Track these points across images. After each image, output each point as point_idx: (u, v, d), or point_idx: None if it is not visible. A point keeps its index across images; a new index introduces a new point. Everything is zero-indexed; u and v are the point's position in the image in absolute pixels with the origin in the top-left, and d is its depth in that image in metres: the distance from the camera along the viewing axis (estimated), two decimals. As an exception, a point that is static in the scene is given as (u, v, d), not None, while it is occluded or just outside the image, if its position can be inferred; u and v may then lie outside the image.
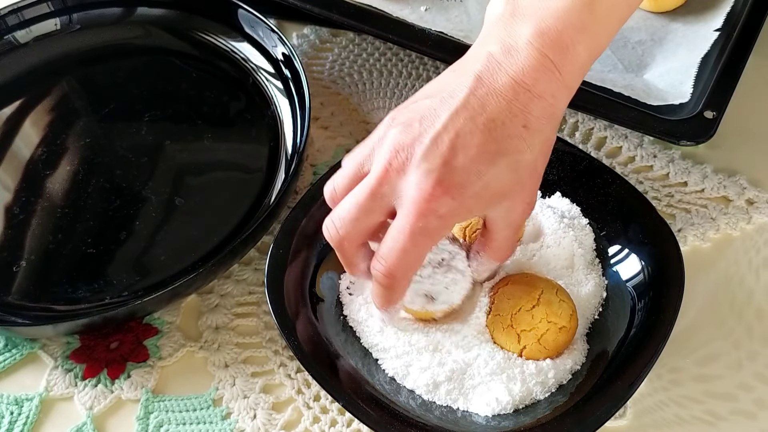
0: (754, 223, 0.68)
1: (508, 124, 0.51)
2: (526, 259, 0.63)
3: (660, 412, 0.59)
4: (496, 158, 0.51)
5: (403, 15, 0.77)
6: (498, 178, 0.51)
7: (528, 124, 0.51)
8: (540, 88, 0.51)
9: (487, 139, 0.51)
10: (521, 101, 0.51)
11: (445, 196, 0.50)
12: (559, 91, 0.52)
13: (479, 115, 0.51)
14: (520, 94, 0.51)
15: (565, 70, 0.51)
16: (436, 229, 0.51)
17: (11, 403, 0.62)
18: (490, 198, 0.52)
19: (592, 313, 0.62)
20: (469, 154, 0.51)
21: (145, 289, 0.65)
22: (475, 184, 0.51)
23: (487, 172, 0.51)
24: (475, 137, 0.51)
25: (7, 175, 0.74)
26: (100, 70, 0.82)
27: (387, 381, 0.59)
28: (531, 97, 0.51)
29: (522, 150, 0.51)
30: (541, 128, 0.52)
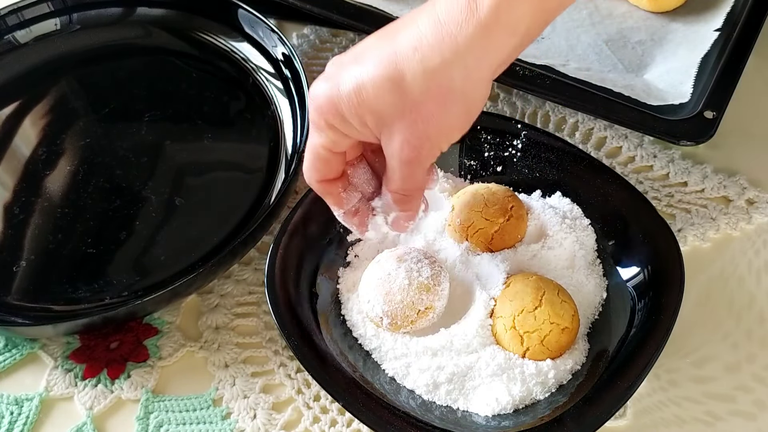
0: (754, 223, 0.68)
1: (403, 42, 0.50)
2: (527, 260, 0.63)
3: (659, 413, 0.59)
4: (378, 65, 0.50)
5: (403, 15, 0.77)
6: (372, 88, 0.50)
7: (419, 45, 0.49)
8: (448, 14, 0.49)
9: (380, 41, 0.52)
10: (423, 23, 0.50)
11: (321, 90, 0.52)
12: (468, 22, 0.49)
13: (386, 37, 0.52)
14: (425, 17, 0.50)
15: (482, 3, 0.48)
16: (318, 124, 0.53)
17: (11, 403, 0.62)
18: (362, 110, 0.51)
19: (592, 313, 0.62)
20: (360, 52, 0.52)
21: (145, 289, 0.65)
22: (348, 84, 0.51)
23: (361, 79, 0.51)
24: (373, 40, 0.52)
25: (7, 175, 0.74)
26: (100, 70, 0.82)
27: (387, 381, 0.59)
28: (434, 22, 0.49)
29: (402, 70, 0.50)
30: (431, 56, 0.49)
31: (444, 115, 0.51)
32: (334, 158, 0.56)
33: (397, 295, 0.58)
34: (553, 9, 0.52)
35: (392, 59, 0.50)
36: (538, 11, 0.50)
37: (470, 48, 0.49)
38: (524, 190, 0.67)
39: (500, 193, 0.64)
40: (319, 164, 0.56)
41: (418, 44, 0.50)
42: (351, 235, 0.65)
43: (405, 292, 0.58)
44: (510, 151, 0.68)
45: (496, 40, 0.50)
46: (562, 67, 0.73)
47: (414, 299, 0.58)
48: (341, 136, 0.54)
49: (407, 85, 0.50)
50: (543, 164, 0.68)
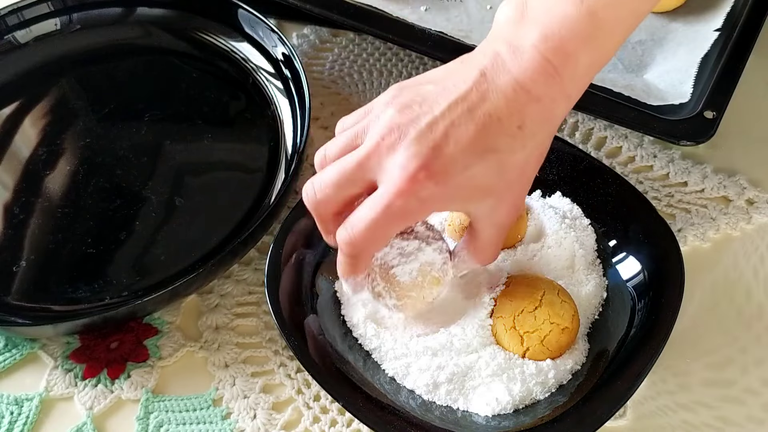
0: (754, 223, 0.68)
1: (504, 122, 0.51)
2: (527, 260, 0.63)
3: (659, 413, 0.59)
4: (486, 153, 0.51)
5: (403, 15, 0.77)
6: (484, 173, 0.52)
7: (523, 125, 0.51)
8: (539, 90, 0.51)
9: (480, 132, 0.51)
10: (520, 102, 0.51)
11: (428, 180, 0.51)
12: (558, 96, 0.52)
13: (477, 109, 0.51)
14: (519, 95, 0.51)
15: (566, 76, 0.51)
16: (412, 211, 0.52)
17: (11, 403, 0.62)
18: (473, 192, 0.53)
19: (592, 313, 0.62)
20: (460, 144, 0.51)
21: (145, 289, 0.65)
22: (461, 174, 0.51)
23: (474, 165, 0.51)
24: (470, 129, 0.51)
25: (7, 175, 0.74)
26: (100, 70, 0.82)
27: (387, 381, 0.59)
28: (529, 99, 0.51)
29: (513, 150, 0.52)
30: (535, 131, 0.52)
31: (536, 171, 0.55)
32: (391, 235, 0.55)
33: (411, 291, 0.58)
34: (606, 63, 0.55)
35: (494, 137, 0.51)
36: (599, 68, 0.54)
37: (560, 116, 0.54)
38: (524, 190, 0.67)
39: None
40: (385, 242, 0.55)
41: (520, 122, 0.51)
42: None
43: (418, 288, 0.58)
44: (510, 151, 0.68)
45: (573, 102, 0.54)
46: (562, 67, 0.73)
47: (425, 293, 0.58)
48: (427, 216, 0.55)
49: (515, 162, 0.52)
50: (543, 164, 0.67)
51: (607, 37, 0.53)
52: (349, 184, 0.53)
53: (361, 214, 0.52)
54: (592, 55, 0.52)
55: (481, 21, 0.78)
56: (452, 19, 0.78)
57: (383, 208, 0.51)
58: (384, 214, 0.52)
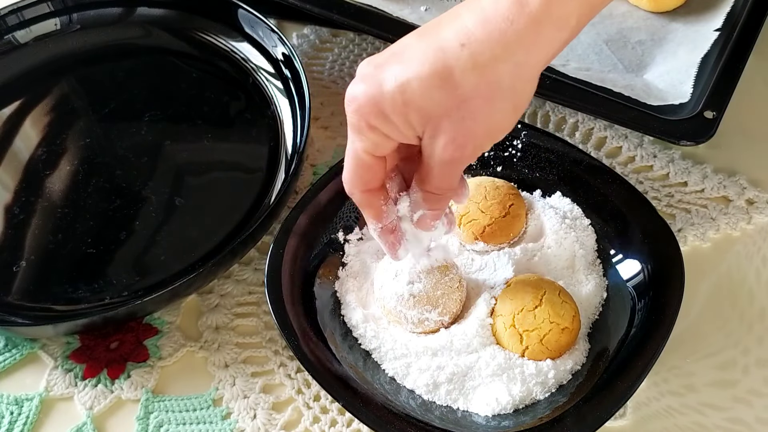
0: (754, 223, 0.68)
1: (448, 39, 0.48)
2: (527, 260, 0.63)
3: (658, 412, 0.59)
4: (422, 61, 0.48)
5: (403, 15, 0.77)
6: (418, 85, 0.48)
7: (467, 42, 0.48)
8: (496, 9, 0.48)
9: (421, 39, 0.49)
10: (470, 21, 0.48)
11: (361, 90, 0.50)
12: (519, 17, 0.47)
13: (428, 33, 0.50)
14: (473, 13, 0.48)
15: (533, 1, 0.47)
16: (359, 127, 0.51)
17: (11, 403, 0.62)
18: (406, 108, 0.49)
19: (592, 313, 0.62)
20: (399, 50, 0.50)
21: (145, 289, 0.65)
22: (390, 82, 0.49)
23: (406, 75, 0.48)
24: (414, 47, 0.49)
25: (7, 175, 0.74)
26: (100, 70, 0.82)
27: (387, 381, 0.59)
28: (482, 19, 0.48)
29: (451, 67, 0.48)
30: (481, 51, 0.48)
31: (492, 113, 0.49)
32: (376, 164, 0.53)
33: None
34: (599, 3, 0.51)
35: (439, 55, 0.48)
36: (586, 5, 0.49)
37: (520, 43, 0.48)
38: (524, 190, 0.67)
39: (503, 188, 0.64)
40: (362, 171, 0.53)
41: (466, 40, 0.48)
42: (350, 234, 0.65)
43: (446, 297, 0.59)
44: (510, 151, 0.68)
45: (546, 35, 0.48)
46: (562, 67, 0.73)
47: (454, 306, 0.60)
48: (383, 138, 0.51)
49: (456, 81, 0.48)
50: (543, 164, 0.68)
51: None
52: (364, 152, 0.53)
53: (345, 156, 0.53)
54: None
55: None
56: (452, 19, 0.78)
57: (348, 141, 0.52)
58: (348, 137, 0.52)
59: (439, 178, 0.53)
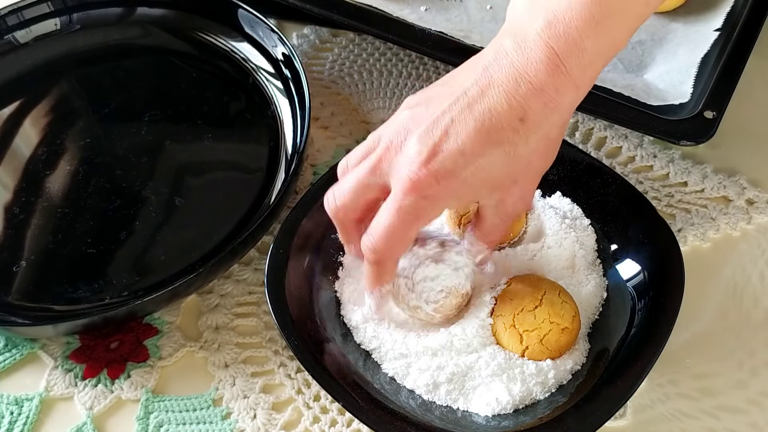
0: (754, 223, 0.68)
1: (504, 115, 0.51)
2: (527, 260, 0.63)
3: (659, 412, 0.59)
4: (486, 147, 0.51)
5: (403, 15, 0.77)
6: (487, 167, 0.52)
7: (525, 117, 0.51)
8: (541, 80, 0.51)
9: (480, 127, 0.51)
10: (521, 93, 0.51)
11: (431, 178, 0.51)
12: (563, 85, 0.51)
13: (477, 104, 0.51)
14: (521, 86, 0.51)
15: (571, 64, 0.51)
16: (422, 209, 0.52)
17: (11, 403, 0.62)
18: (479, 186, 0.53)
19: (592, 314, 0.62)
20: (460, 140, 0.51)
21: (145, 289, 0.65)
22: (463, 170, 0.52)
23: (476, 160, 0.51)
24: (469, 125, 0.51)
25: (7, 175, 0.74)
26: (100, 70, 0.82)
27: (387, 381, 0.59)
28: (531, 90, 0.51)
29: (515, 142, 0.51)
30: (539, 122, 0.51)
31: (546, 164, 0.55)
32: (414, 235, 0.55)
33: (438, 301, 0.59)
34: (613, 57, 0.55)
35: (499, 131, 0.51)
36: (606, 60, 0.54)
37: (566, 105, 0.52)
38: (524, 190, 0.68)
39: (503, 189, 0.64)
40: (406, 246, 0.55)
41: (522, 114, 0.51)
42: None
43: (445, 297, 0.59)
44: (510, 151, 0.68)
45: (582, 91, 0.53)
46: (562, 67, 0.73)
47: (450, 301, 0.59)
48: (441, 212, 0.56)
49: (521, 154, 0.52)
50: (543, 164, 0.68)
51: (616, 24, 0.52)
52: (364, 188, 0.54)
53: (379, 219, 0.54)
54: (599, 42, 0.51)
55: (481, 21, 0.78)
56: (452, 19, 0.78)
57: (395, 209, 0.52)
58: (397, 215, 0.52)
59: (505, 229, 0.58)
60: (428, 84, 0.65)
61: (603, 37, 0.51)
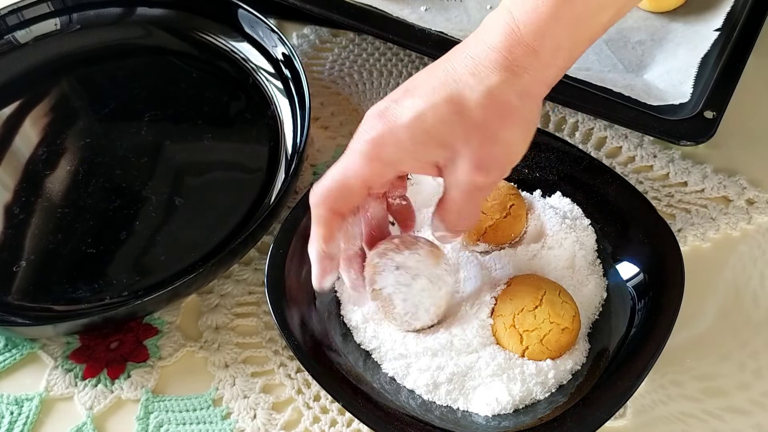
0: (754, 223, 0.68)
1: (456, 70, 0.52)
2: (527, 260, 0.63)
3: (659, 412, 0.59)
4: (435, 95, 0.51)
5: (403, 15, 0.77)
6: (434, 113, 0.51)
7: (476, 71, 0.51)
8: (495, 40, 0.51)
9: (433, 80, 0.52)
10: (476, 53, 0.52)
11: (378, 122, 0.52)
12: (516, 47, 0.51)
13: (437, 67, 0.53)
14: (477, 46, 0.52)
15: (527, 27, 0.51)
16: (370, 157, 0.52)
17: (11, 403, 0.62)
18: (425, 138, 0.52)
19: (592, 313, 0.62)
20: (414, 89, 0.52)
21: (145, 289, 0.65)
22: (407, 113, 0.52)
23: (422, 106, 0.51)
24: (422, 76, 0.53)
25: (7, 175, 0.74)
26: (100, 70, 0.82)
27: (387, 381, 0.59)
28: (485, 48, 0.52)
29: (463, 93, 0.51)
30: (488, 77, 0.51)
31: (507, 135, 0.53)
32: (360, 194, 0.55)
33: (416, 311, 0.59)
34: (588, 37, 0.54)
35: (450, 85, 0.52)
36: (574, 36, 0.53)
37: (524, 68, 0.51)
38: (524, 190, 0.67)
39: (504, 189, 0.64)
40: (345, 193, 0.54)
41: (474, 69, 0.51)
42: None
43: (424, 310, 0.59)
44: (510, 151, 0.68)
45: (544, 60, 0.52)
46: (562, 67, 0.73)
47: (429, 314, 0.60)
48: (392, 171, 0.54)
49: (469, 106, 0.51)
50: (543, 164, 0.68)
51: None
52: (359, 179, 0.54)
53: (332, 167, 0.54)
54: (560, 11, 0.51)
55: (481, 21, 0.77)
56: (452, 19, 0.78)
57: (347, 153, 0.53)
58: (345, 160, 0.53)
59: (460, 206, 0.55)
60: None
61: (565, 7, 0.51)
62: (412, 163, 0.53)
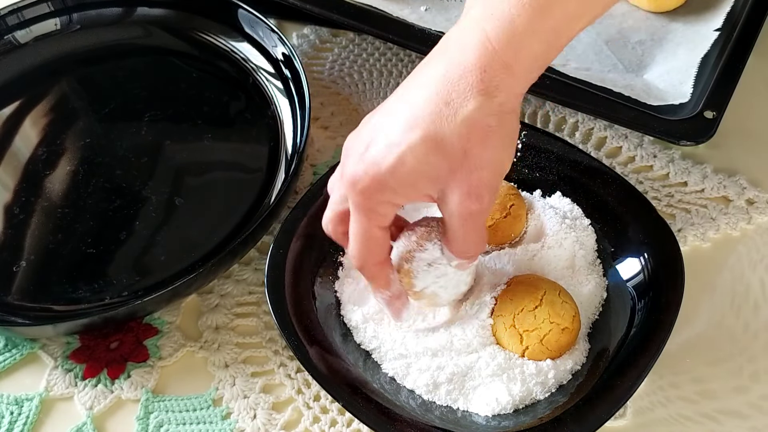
0: (754, 223, 0.68)
1: (430, 101, 0.50)
2: (527, 260, 0.63)
3: (659, 412, 0.59)
4: (410, 134, 0.50)
5: (403, 15, 0.77)
6: (414, 155, 0.50)
7: (450, 100, 0.49)
8: (468, 60, 0.49)
9: (407, 116, 0.50)
10: (448, 77, 0.50)
11: (361, 172, 0.51)
12: (491, 65, 0.49)
13: (408, 97, 0.51)
14: (449, 70, 0.50)
15: (500, 42, 0.49)
16: (368, 207, 0.52)
17: (11, 403, 0.62)
18: (413, 178, 0.51)
19: (592, 313, 0.62)
20: (388, 132, 0.51)
21: (145, 289, 0.65)
22: (389, 161, 0.50)
23: (400, 149, 0.50)
24: (398, 117, 0.51)
25: (7, 175, 0.74)
26: (100, 70, 0.82)
27: (387, 381, 0.59)
28: (459, 72, 0.50)
29: (439, 127, 0.49)
30: (463, 104, 0.49)
31: (491, 156, 0.51)
32: (384, 235, 0.54)
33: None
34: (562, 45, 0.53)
35: (425, 119, 0.50)
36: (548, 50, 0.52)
37: (498, 87, 0.50)
38: (524, 190, 0.67)
39: (504, 189, 0.64)
40: (373, 245, 0.54)
41: (447, 97, 0.49)
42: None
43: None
44: (510, 151, 0.68)
45: (519, 76, 0.50)
46: (562, 67, 0.73)
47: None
48: (393, 208, 0.53)
49: (446, 139, 0.50)
50: (543, 164, 0.68)
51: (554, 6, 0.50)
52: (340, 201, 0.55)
53: (350, 228, 0.54)
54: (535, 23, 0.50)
55: (481, 21, 0.78)
56: (452, 19, 0.78)
57: (352, 212, 0.53)
58: (355, 218, 0.53)
59: (465, 234, 0.53)
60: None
61: (539, 20, 0.50)
62: (405, 200, 0.53)
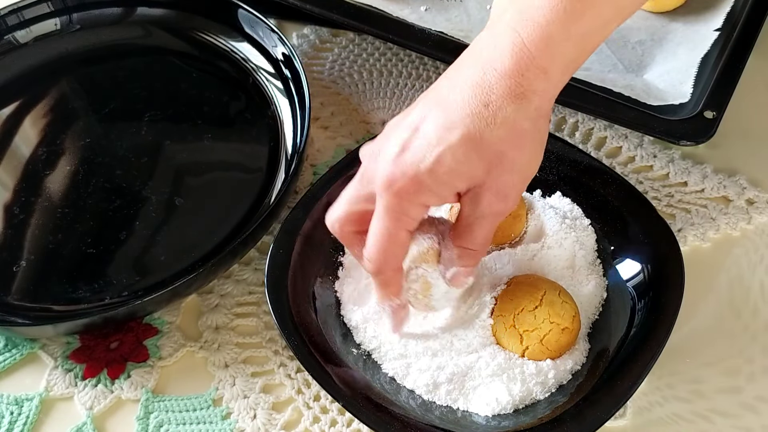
0: (754, 223, 0.68)
1: (468, 102, 0.51)
2: (527, 260, 0.63)
3: (658, 412, 0.59)
4: (450, 134, 0.50)
5: (403, 15, 0.77)
6: (454, 156, 0.50)
7: (489, 102, 0.50)
8: (506, 65, 0.50)
9: (445, 117, 0.51)
10: (486, 80, 0.51)
11: (399, 172, 0.51)
12: (529, 70, 0.50)
13: (446, 98, 0.52)
14: (486, 73, 0.51)
15: (537, 48, 0.50)
16: (400, 207, 0.52)
17: (11, 403, 0.62)
18: (449, 178, 0.51)
19: (592, 313, 0.62)
20: (427, 132, 0.51)
21: (145, 289, 0.65)
22: (429, 161, 0.50)
23: (441, 149, 0.50)
24: (437, 118, 0.51)
25: (7, 175, 0.74)
26: (100, 70, 0.82)
27: (387, 381, 0.59)
28: (496, 76, 0.50)
29: (479, 129, 0.50)
30: (503, 107, 0.50)
31: (523, 159, 0.53)
32: (408, 241, 0.54)
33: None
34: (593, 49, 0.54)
35: (464, 121, 0.50)
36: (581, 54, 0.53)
37: (534, 91, 0.51)
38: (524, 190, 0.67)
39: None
40: (398, 249, 0.54)
41: (486, 99, 0.50)
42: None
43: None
44: (510, 151, 0.68)
45: (554, 80, 0.52)
46: (562, 67, 0.73)
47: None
48: (423, 210, 0.54)
49: (485, 139, 0.51)
50: (543, 164, 0.67)
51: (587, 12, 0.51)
52: (356, 200, 0.54)
53: (370, 228, 0.53)
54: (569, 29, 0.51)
55: (481, 21, 0.78)
56: (452, 19, 0.78)
57: (379, 213, 0.52)
58: (381, 219, 0.52)
59: (481, 232, 0.54)
60: (428, 84, 0.65)
61: (573, 25, 0.51)
62: (439, 200, 0.54)
